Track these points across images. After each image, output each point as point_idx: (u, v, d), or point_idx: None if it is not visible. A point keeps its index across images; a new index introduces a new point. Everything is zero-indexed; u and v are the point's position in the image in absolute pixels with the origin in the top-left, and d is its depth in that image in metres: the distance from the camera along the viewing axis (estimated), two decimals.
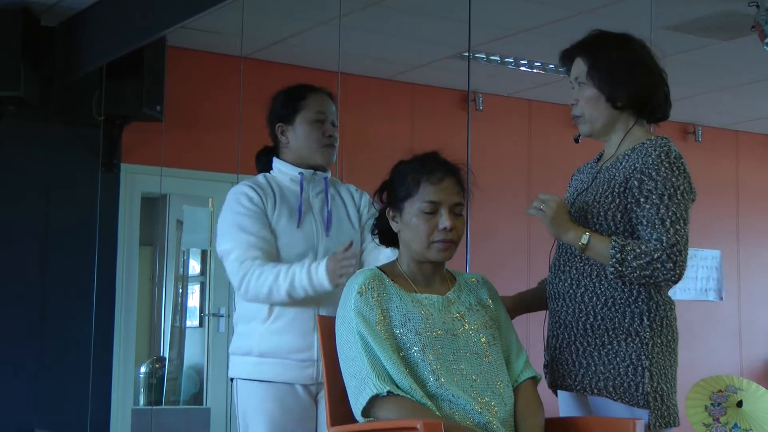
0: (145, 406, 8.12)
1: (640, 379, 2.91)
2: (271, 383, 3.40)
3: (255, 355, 3.42)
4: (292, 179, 3.55)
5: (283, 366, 3.39)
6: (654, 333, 2.96)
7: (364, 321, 2.83)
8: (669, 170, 2.92)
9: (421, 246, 2.92)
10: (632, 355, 2.93)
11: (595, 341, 2.98)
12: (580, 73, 3.08)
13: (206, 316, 8.14)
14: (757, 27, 6.06)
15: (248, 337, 3.45)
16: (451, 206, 2.92)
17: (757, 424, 5.52)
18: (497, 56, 7.98)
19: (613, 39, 3.11)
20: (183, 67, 7.75)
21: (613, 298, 2.97)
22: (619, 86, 3.04)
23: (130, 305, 7.73)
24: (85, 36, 7.01)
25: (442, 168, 2.95)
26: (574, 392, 3.04)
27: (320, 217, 3.54)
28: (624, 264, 2.85)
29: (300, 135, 3.56)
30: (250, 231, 3.40)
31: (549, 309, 3.15)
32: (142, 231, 7.90)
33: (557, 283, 3.10)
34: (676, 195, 2.90)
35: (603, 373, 2.96)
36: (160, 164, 7.55)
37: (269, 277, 3.32)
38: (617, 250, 2.86)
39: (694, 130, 10.10)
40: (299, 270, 3.29)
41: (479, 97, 8.84)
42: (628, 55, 3.07)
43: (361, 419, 2.79)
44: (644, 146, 3.00)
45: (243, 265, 3.36)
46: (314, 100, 3.59)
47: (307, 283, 3.27)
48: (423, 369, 2.79)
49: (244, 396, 3.46)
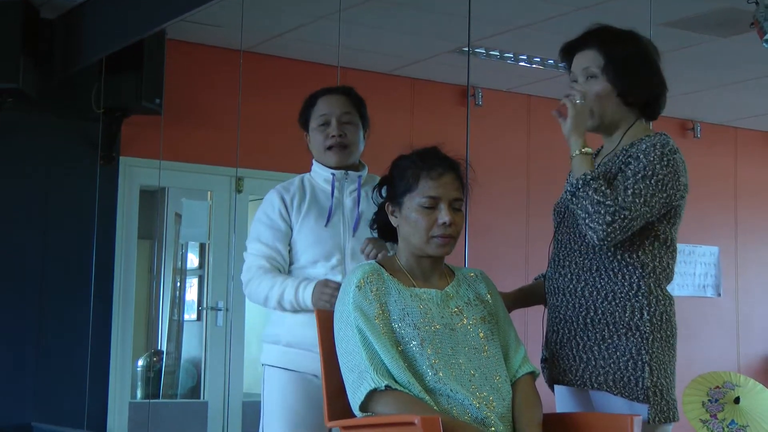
0: (143, 400, 8.12)
1: (640, 374, 2.92)
2: (296, 372, 3.52)
3: (283, 344, 3.55)
4: (326, 180, 3.63)
5: (308, 357, 3.45)
6: (654, 328, 2.96)
7: (362, 315, 2.83)
8: (657, 157, 2.94)
9: (420, 241, 2.93)
10: (632, 349, 2.94)
11: (595, 336, 2.99)
12: (593, 64, 3.07)
13: (204, 309, 8.13)
14: (756, 24, 6.06)
15: (278, 325, 3.58)
16: (451, 201, 2.93)
17: (754, 420, 5.52)
18: (497, 51, 7.98)
19: (626, 35, 3.12)
20: (182, 60, 7.74)
21: (614, 292, 2.97)
22: (635, 83, 3.05)
23: (128, 298, 7.73)
24: (85, 29, 7.00)
25: (441, 163, 2.96)
26: (575, 387, 3.05)
27: (350, 217, 3.59)
28: (585, 187, 2.88)
29: (313, 142, 3.68)
30: (264, 241, 3.57)
31: (548, 304, 3.16)
32: (140, 224, 7.90)
33: (557, 278, 3.10)
34: (651, 178, 2.91)
35: (603, 368, 2.96)
36: (158, 157, 7.55)
37: (266, 286, 3.51)
38: (591, 175, 2.89)
39: (693, 126, 10.11)
40: (290, 285, 3.46)
41: (479, 92, 8.83)
42: (641, 51, 3.08)
43: (359, 413, 2.79)
44: (643, 141, 3.02)
45: (249, 271, 3.57)
46: (321, 103, 3.66)
47: (293, 299, 3.44)
48: (421, 363, 2.80)
49: (270, 382, 3.59)
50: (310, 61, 7.86)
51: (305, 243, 3.54)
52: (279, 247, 3.56)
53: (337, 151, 3.60)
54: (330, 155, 3.61)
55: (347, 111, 3.64)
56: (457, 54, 7.94)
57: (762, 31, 6.00)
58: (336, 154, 3.60)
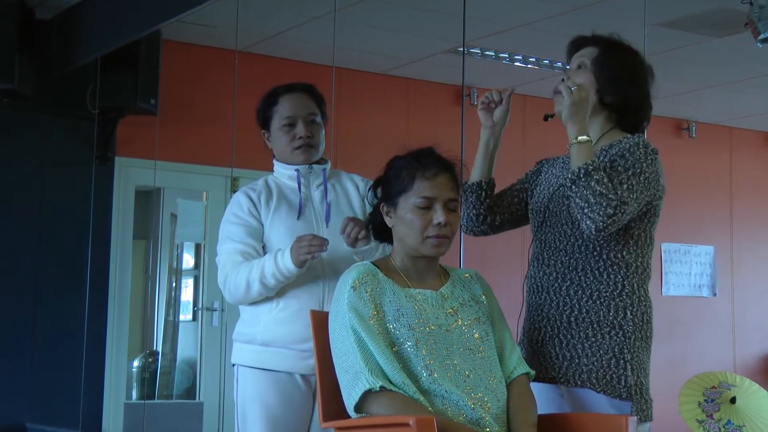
0: (138, 400, 8.11)
1: (623, 372, 2.96)
2: (272, 372, 3.46)
3: (258, 343, 3.48)
4: (290, 177, 3.61)
5: (284, 355, 3.43)
6: (636, 327, 3.01)
7: (357, 315, 2.83)
8: (642, 155, 2.98)
9: (415, 241, 2.93)
10: (615, 348, 2.98)
11: (579, 334, 3.02)
12: (588, 56, 3.14)
13: (200, 310, 8.13)
14: (751, 24, 6.06)
15: (252, 324, 3.51)
16: (446, 201, 2.93)
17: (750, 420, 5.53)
18: (492, 51, 7.98)
19: (629, 48, 3.19)
20: (178, 60, 7.74)
21: (599, 291, 3.01)
22: (614, 85, 3.10)
23: (123, 299, 7.72)
24: (80, 29, 7.00)
25: (436, 164, 2.96)
26: (558, 384, 3.06)
27: (320, 209, 3.57)
28: (587, 177, 2.88)
29: (276, 141, 3.64)
30: (235, 239, 3.51)
31: (528, 303, 3.19)
32: (135, 224, 7.89)
33: (541, 277, 3.13)
34: (640, 175, 2.95)
35: (586, 365, 2.99)
36: (154, 157, 7.54)
37: (244, 273, 3.43)
38: (593, 165, 2.89)
39: (688, 126, 10.12)
40: (268, 259, 3.39)
41: (474, 92, 8.83)
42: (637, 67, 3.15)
43: (353, 414, 2.79)
44: (621, 142, 3.06)
45: (224, 269, 3.51)
46: (284, 103, 3.62)
47: (274, 268, 3.36)
48: (416, 364, 2.80)
49: (245, 383, 3.53)
50: (305, 61, 7.86)
51: (279, 236, 3.49)
52: (252, 242, 3.50)
53: (305, 150, 3.59)
54: (297, 155, 3.59)
55: (312, 111, 3.62)
56: (452, 54, 7.94)
57: (756, 31, 6.00)
58: (304, 153, 3.59)
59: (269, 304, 3.48)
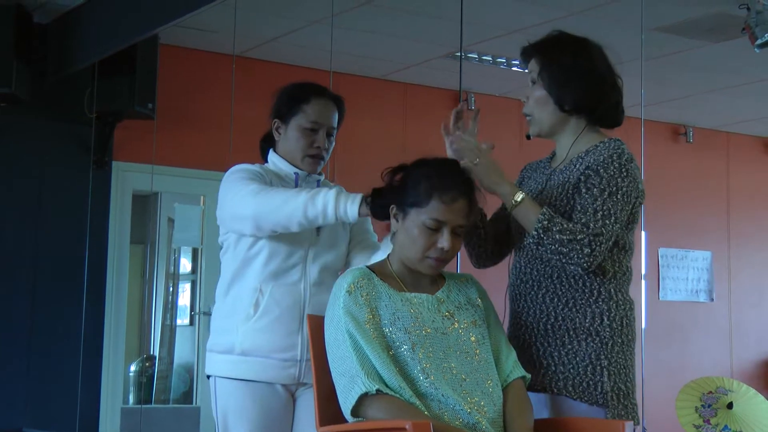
0: (135, 405, 8.11)
1: (599, 378, 2.95)
2: (251, 382, 3.35)
3: (236, 353, 3.35)
4: (287, 176, 3.50)
5: (265, 365, 3.34)
6: (614, 333, 2.99)
7: (353, 320, 2.82)
8: (617, 170, 2.96)
9: (414, 257, 2.92)
10: (592, 354, 2.97)
11: (555, 341, 3.02)
12: (534, 70, 3.13)
13: (197, 314, 8.13)
14: (748, 29, 6.08)
15: (229, 333, 3.39)
16: (455, 227, 2.91)
17: (747, 425, 5.53)
18: (489, 56, 7.98)
19: (569, 43, 3.14)
20: (175, 64, 7.74)
21: (574, 299, 3.00)
22: (567, 91, 3.08)
23: (121, 303, 7.72)
24: (78, 33, 7.00)
25: (457, 187, 2.91)
26: (534, 392, 3.05)
27: None
28: (547, 233, 2.88)
29: (290, 138, 3.52)
30: (254, 180, 3.34)
31: (510, 311, 3.18)
32: (133, 228, 7.89)
33: (518, 285, 3.13)
34: (617, 194, 2.93)
35: (563, 373, 2.99)
36: (151, 162, 7.55)
37: (287, 192, 3.23)
38: (546, 218, 2.89)
39: (685, 131, 10.13)
40: (332, 191, 3.16)
41: (471, 97, 8.83)
42: (580, 60, 3.08)
43: (350, 418, 2.79)
44: (597, 148, 3.04)
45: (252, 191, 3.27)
46: (314, 106, 3.51)
47: (333, 206, 3.12)
48: (413, 368, 2.79)
49: (224, 395, 3.40)
50: (303, 66, 7.86)
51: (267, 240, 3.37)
52: None
53: (317, 162, 3.51)
54: (308, 163, 3.49)
55: (334, 125, 3.55)
56: (449, 59, 7.94)
57: (753, 36, 6.02)
58: (314, 164, 3.50)
59: (247, 312, 3.37)
